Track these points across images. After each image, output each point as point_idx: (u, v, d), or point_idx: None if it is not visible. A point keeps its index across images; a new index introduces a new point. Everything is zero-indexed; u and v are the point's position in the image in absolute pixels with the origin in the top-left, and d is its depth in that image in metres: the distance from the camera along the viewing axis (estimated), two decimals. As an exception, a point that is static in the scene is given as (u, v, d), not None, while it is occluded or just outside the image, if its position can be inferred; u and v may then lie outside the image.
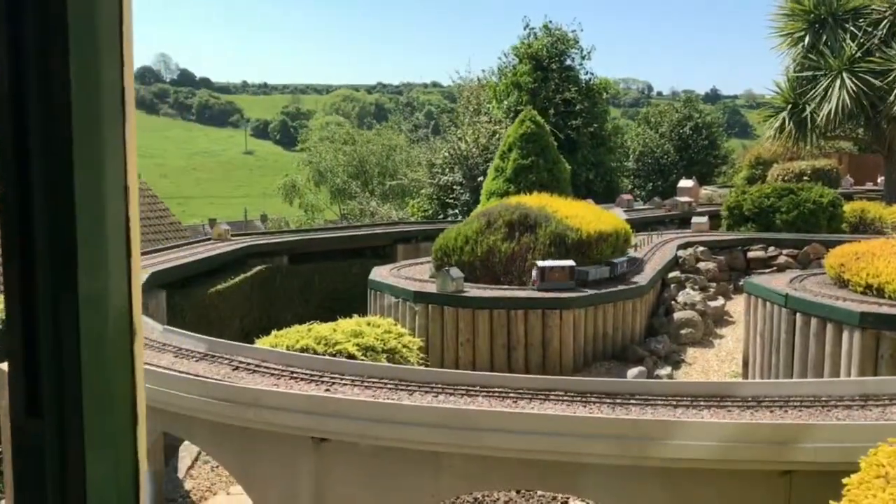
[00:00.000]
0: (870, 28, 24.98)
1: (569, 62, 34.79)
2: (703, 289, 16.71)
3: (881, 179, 29.72)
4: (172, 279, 14.22)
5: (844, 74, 24.78)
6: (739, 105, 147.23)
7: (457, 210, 29.43)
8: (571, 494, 8.68)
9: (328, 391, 6.97)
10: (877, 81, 24.23)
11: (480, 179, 25.73)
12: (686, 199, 26.35)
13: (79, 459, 1.11)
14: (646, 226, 22.65)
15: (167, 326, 9.38)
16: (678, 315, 15.40)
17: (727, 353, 14.63)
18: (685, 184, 28.54)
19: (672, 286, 16.61)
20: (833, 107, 24.94)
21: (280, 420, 6.65)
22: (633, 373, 12.89)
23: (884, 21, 24.69)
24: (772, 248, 18.40)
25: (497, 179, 20.44)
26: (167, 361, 7.88)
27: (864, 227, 21.10)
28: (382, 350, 11.47)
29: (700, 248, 18.09)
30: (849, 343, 10.39)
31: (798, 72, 26.67)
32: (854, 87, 24.50)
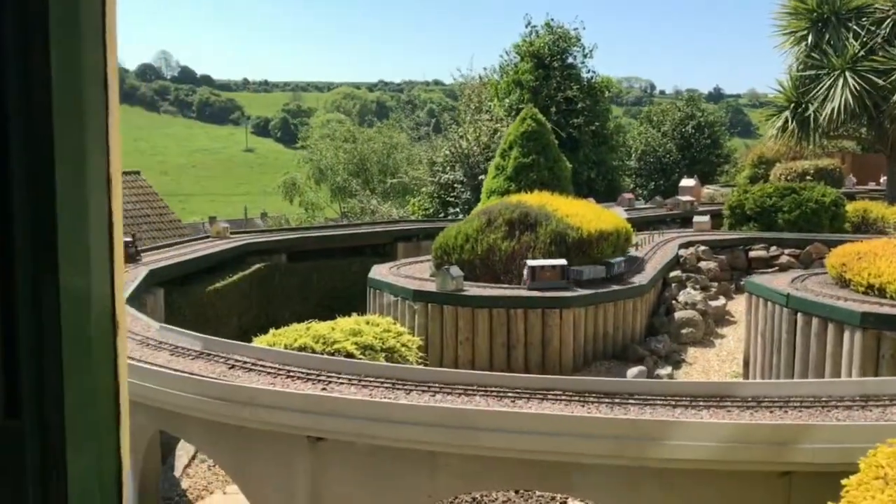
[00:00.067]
0: (873, 27, 24.90)
1: (571, 60, 34.73)
2: (705, 288, 16.67)
3: (884, 179, 29.66)
4: (170, 277, 14.20)
5: (847, 73, 24.72)
6: (742, 104, 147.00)
7: (458, 208, 29.39)
8: (569, 495, 8.65)
9: (324, 390, 6.94)
10: (880, 80, 24.16)
11: (481, 178, 25.69)
12: (688, 199, 26.32)
13: (60, 457, 1.09)
14: (647, 225, 22.61)
15: (163, 324, 9.35)
16: (679, 314, 15.37)
17: (728, 353, 14.60)
18: (687, 183, 28.48)
19: (673, 285, 16.57)
20: (836, 106, 24.87)
21: (276, 419, 6.63)
22: (633, 372, 12.85)
23: (887, 20, 24.61)
24: (774, 248, 18.36)
25: (498, 178, 20.41)
26: (163, 359, 7.85)
27: (867, 227, 21.06)
28: (381, 349, 11.45)
29: (701, 248, 18.05)
30: (850, 343, 10.36)
31: (801, 71, 26.60)
32: (857, 87, 24.43)
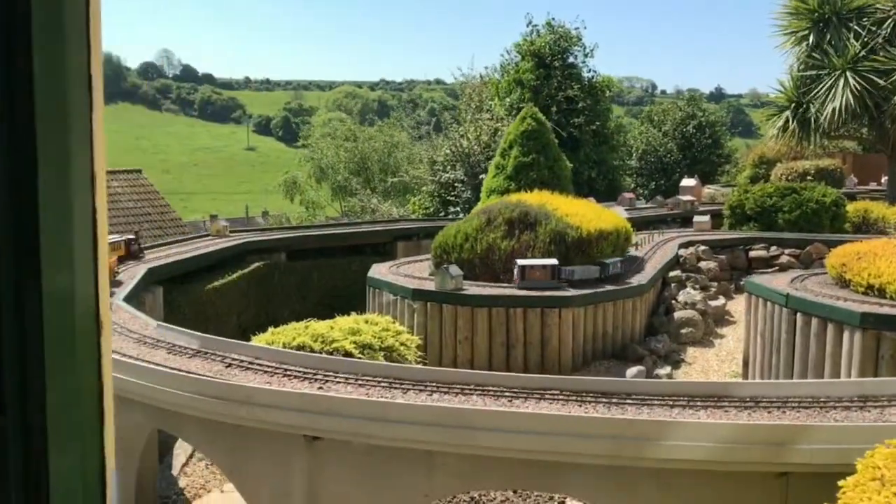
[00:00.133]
0: (874, 27, 24.83)
1: (571, 60, 34.69)
2: (704, 288, 16.63)
3: (885, 179, 29.60)
4: (169, 275, 14.18)
5: (848, 73, 24.65)
6: (744, 104, 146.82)
7: (458, 208, 29.35)
8: (567, 494, 8.61)
9: (321, 389, 6.91)
10: (881, 81, 24.10)
11: (482, 177, 25.63)
12: (688, 198, 26.26)
13: (42, 457, 1.09)
14: (648, 224, 22.57)
15: (161, 322, 9.32)
16: (678, 314, 15.33)
17: (728, 353, 14.56)
18: (688, 182, 28.43)
19: (673, 285, 16.53)
20: (837, 106, 24.81)
21: (272, 418, 6.59)
22: (633, 372, 12.81)
23: (888, 20, 24.54)
24: (774, 248, 18.31)
25: (498, 177, 20.36)
26: (160, 358, 7.82)
27: (867, 227, 21.01)
28: (380, 348, 11.41)
29: (701, 248, 18.01)
30: (849, 343, 10.32)
31: (802, 71, 26.54)
32: (858, 87, 24.37)
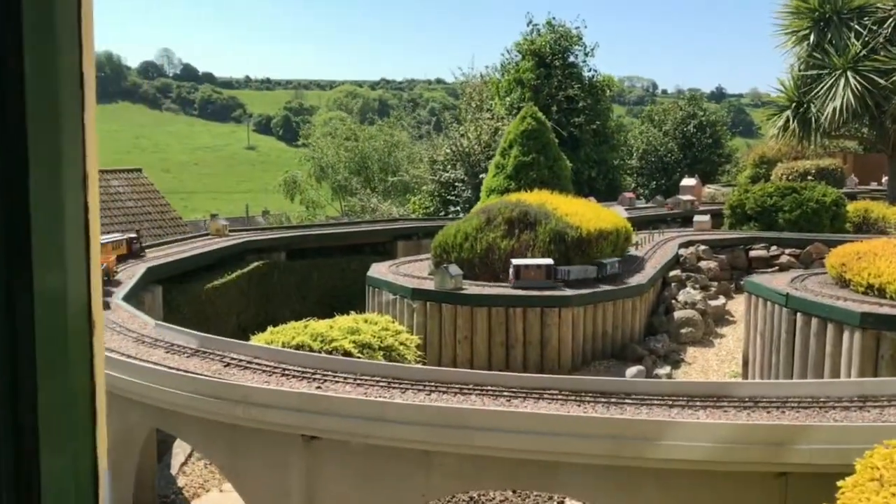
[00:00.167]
0: (875, 26, 24.79)
1: (572, 59, 34.65)
2: (704, 288, 16.60)
3: (885, 179, 29.56)
4: (169, 274, 14.16)
5: (849, 73, 24.62)
6: (745, 104, 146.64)
7: (458, 207, 29.33)
8: (565, 495, 8.59)
9: (319, 388, 6.89)
10: (881, 80, 24.06)
11: (482, 176, 25.61)
12: (689, 198, 26.23)
13: (34, 457, 1.07)
14: (648, 224, 22.55)
15: (159, 322, 9.30)
16: (678, 314, 15.30)
17: (727, 353, 14.53)
18: (688, 182, 28.40)
19: (673, 285, 16.50)
20: (837, 106, 24.77)
21: (270, 417, 6.58)
22: (632, 372, 12.79)
23: (889, 19, 24.50)
24: (774, 248, 18.28)
25: (497, 176, 20.34)
26: (158, 357, 7.80)
27: (868, 227, 20.98)
28: (379, 347, 11.40)
29: (702, 247, 17.98)
30: (849, 343, 10.30)
31: (802, 70, 26.50)
32: (859, 86, 24.33)
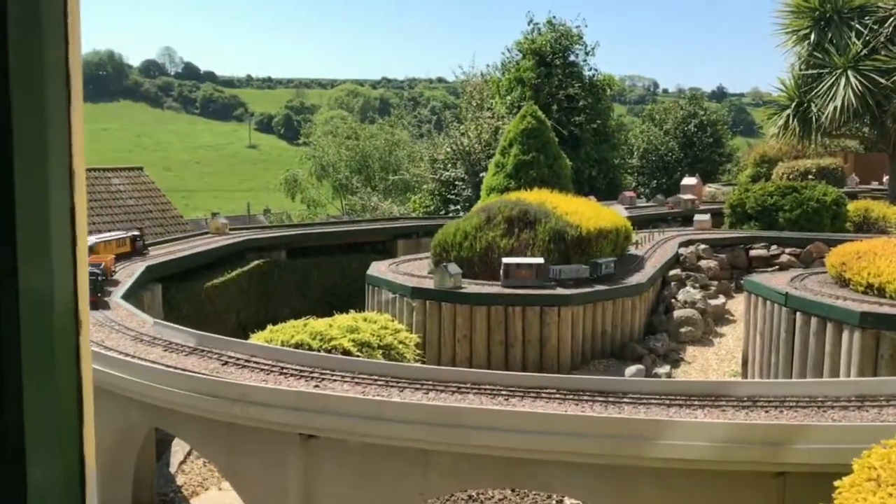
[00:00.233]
0: (875, 26, 24.75)
1: (572, 58, 34.60)
2: (704, 287, 16.58)
3: (886, 178, 29.53)
4: (168, 273, 14.15)
5: (850, 72, 24.58)
6: (746, 103, 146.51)
7: (459, 206, 29.32)
8: (563, 494, 8.59)
9: (317, 387, 6.88)
10: (882, 80, 24.02)
11: (483, 175, 25.58)
12: (689, 197, 26.21)
13: (19, 456, 1.07)
14: (648, 223, 22.53)
15: (157, 320, 9.30)
16: (678, 313, 15.29)
17: (727, 352, 14.52)
18: (688, 181, 28.37)
19: (673, 284, 16.48)
20: (838, 105, 24.74)
21: (267, 416, 6.57)
22: (632, 371, 12.78)
23: (890, 19, 24.45)
24: (774, 247, 18.26)
25: (497, 175, 20.32)
26: (156, 355, 7.80)
27: (868, 227, 20.95)
28: (378, 346, 11.39)
29: (702, 246, 17.96)
30: (849, 343, 10.28)
31: (803, 69, 26.47)
32: (859, 86, 24.30)
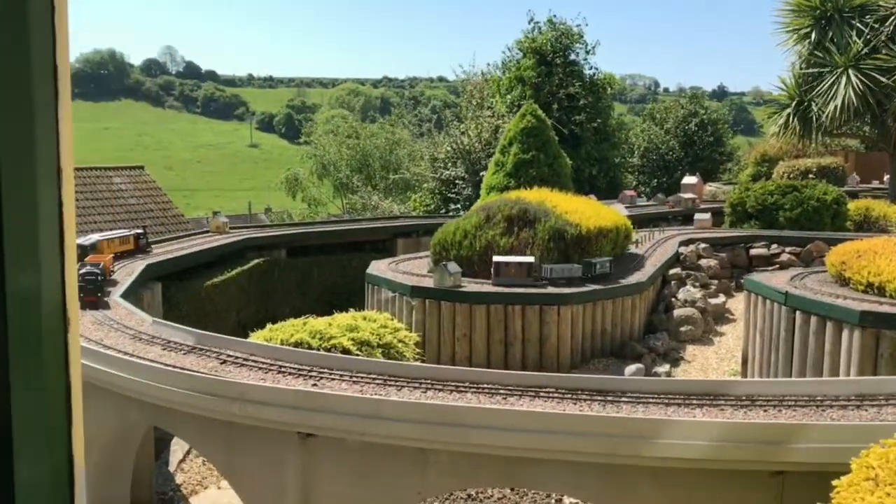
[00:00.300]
0: (876, 25, 24.71)
1: (573, 57, 34.57)
2: (705, 286, 16.57)
3: (887, 177, 29.50)
4: (168, 271, 14.14)
5: (850, 71, 24.55)
6: (746, 102, 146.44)
7: (459, 205, 29.29)
8: (561, 493, 8.58)
9: (315, 386, 6.87)
10: (883, 78, 23.99)
11: (483, 174, 25.57)
12: (690, 196, 26.20)
13: (6, 456, 1.05)
14: (649, 222, 22.52)
15: (156, 319, 9.29)
16: (678, 312, 15.27)
17: (727, 351, 14.51)
18: (689, 180, 28.35)
19: (673, 283, 16.47)
20: (839, 104, 24.70)
21: (266, 415, 6.56)
22: (631, 370, 12.77)
23: (890, 18, 24.40)
24: (774, 246, 18.24)
25: (497, 174, 20.30)
26: (155, 354, 7.79)
27: (869, 225, 20.93)
28: (378, 345, 11.37)
29: (702, 245, 17.94)
30: (848, 342, 10.27)
31: (804, 68, 26.43)
32: (860, 84, 24.25)
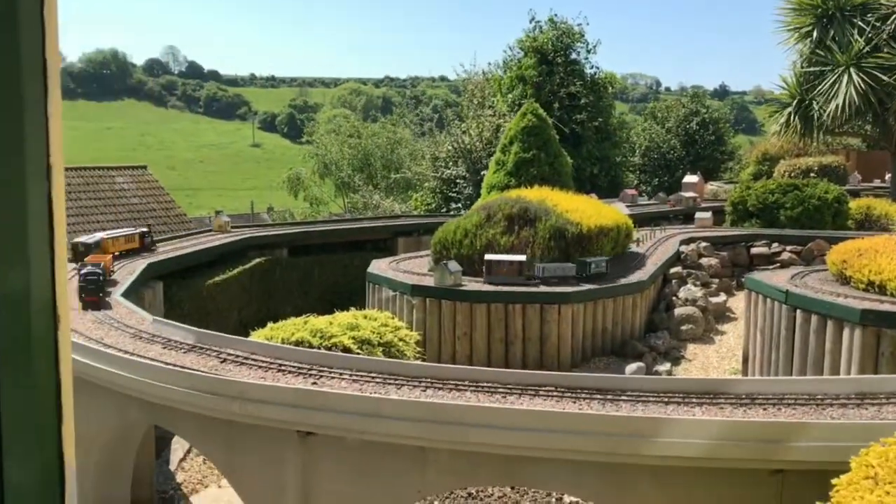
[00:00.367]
0: (878, 23, 24.65)
1: (574, 56, 34.57)
2: (705, 284, 16.56)
3: (888, 176, 29.45)
4: (169, 270, 14.15)
5: (852, 70, 24.50)
6: (748, 101, 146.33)
7: (460, 204, 29.30)
8: (561, 491, 8.58)
9: (315, 384, 6.88)
10: (885, 77, 23.93)
11: (484, 173, 25.57)
12: (691, 195, 26.18)
13: None
14: (650, 221, 22.51)
15: (156, 317, 9.30)
16: (679, 311, 15.26)
17: (728, 350, 14.50)
18: (690, 179, 28.34)
19: (674, 282, 16.45)
20: (840, 102, 24.65)
21: (265, 413, 6.57)
22: (632, 368, 12.77)
23: (892, 16, 24.34)
24: (776, 245, 18.23)
25: (498, 173, 20.30)
26: (155, 353, 7.80)
27: (870, 224, 20.90)
28: (378, 343, 11.37)
29: (703, 244, 17.93)
30: (849, 340, 10.26)
31: (805, 67, 26.38)
32: (861, 83, 24.20)
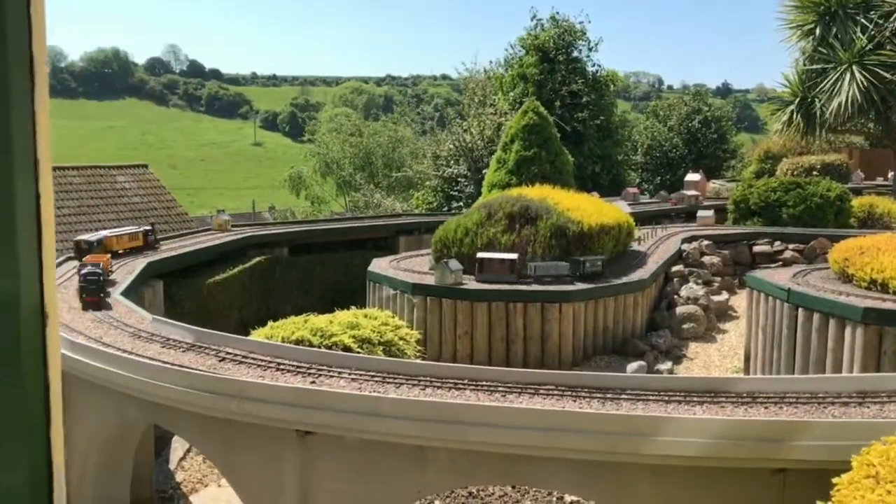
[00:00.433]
0: (881, 20, 24.55)
1: (576, 54, 34.53)
2: (707, 283, 16.51)
3: (892, 174, 29.39)
4: (170, 269, 14.13)
5: (854, 67, 24.41)
6: (750, 99, 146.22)
7: (461, 202, 29.28)
8: (561, 491, 8.55)
9: (314, 383, 6.85)
10: (888, 75, 23.85)
11: (485, 171, 25.54)
12: (693, 193, 26.13)
13: None
14: (651, 219, 22.48)
15: (156, 316, 9.28)
16: (680, 309, 15.22)
17: (729, 349, 14.45)
18: (692, 177, 28.30)
19: (675, 280, 16.41)
20: (842, 100, 24.56)
21: (264, 412, 6.54)
22: (633, 367, 12.73)
23: (895, 13, 24.26)
24: (778, 243, 18.18)
25: (499, 171, 20.27)
26: (154, 352, 7.78)
27: (873, 222, 20.84)
28: (379, 342, 11.35)
29: (705, 242, 17.88)
30: (851, 339, 10.21)
31: (807, 65, 26.30)
32: (864, 81, 24.12)
